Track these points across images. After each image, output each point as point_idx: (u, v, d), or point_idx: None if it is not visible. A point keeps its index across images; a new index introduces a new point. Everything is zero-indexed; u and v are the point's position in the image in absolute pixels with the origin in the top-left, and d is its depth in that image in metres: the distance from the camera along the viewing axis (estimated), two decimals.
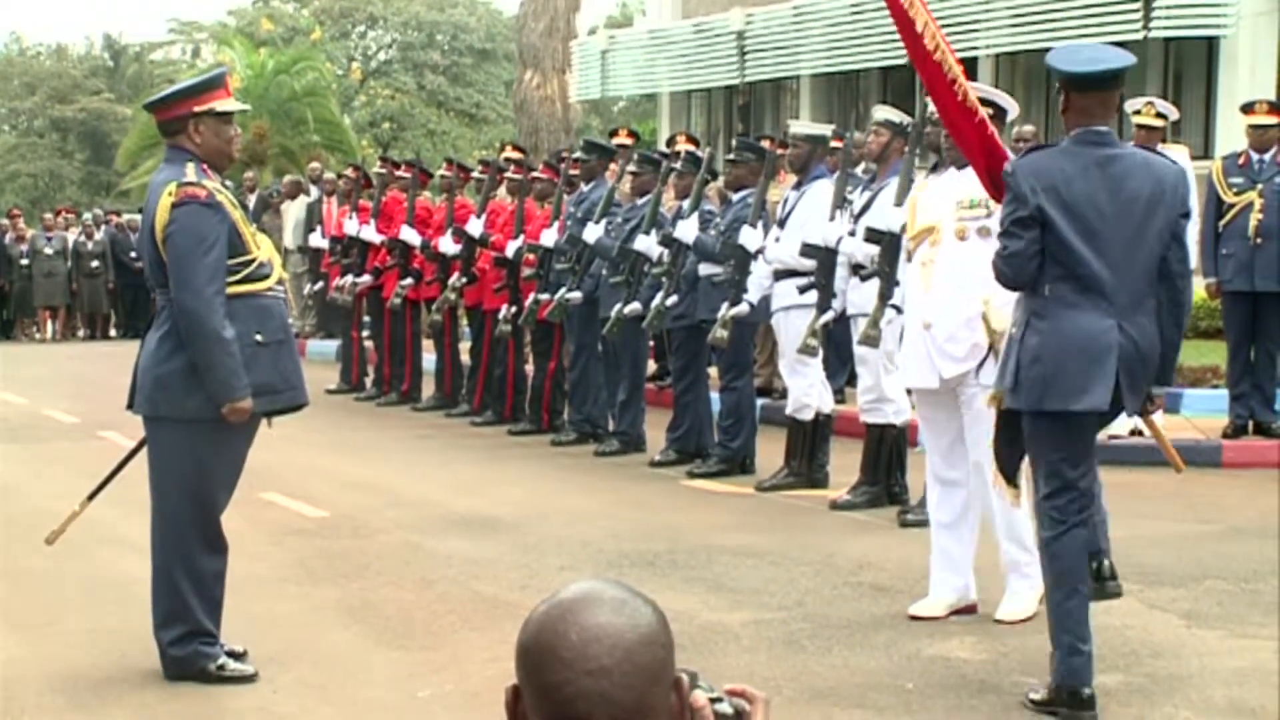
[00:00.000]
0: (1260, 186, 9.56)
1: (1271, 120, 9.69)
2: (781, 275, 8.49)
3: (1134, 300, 4.80)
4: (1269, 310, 9.68)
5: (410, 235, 12.49)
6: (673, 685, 1.78)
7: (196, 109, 5.22)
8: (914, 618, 6.00)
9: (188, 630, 5.25)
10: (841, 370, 10.66)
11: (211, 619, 5.29)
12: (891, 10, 5.02)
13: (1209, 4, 14.91)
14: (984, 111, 5.57)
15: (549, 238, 10.72)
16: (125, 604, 6.07)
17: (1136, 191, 4.77)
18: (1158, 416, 5.52)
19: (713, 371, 10.10)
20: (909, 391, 6.84)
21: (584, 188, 10.77)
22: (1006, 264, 4.81)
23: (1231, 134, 12.49)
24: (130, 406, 5.35)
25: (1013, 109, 6.03)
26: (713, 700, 1.82)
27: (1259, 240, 9.51)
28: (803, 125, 9.28)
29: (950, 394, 5.96)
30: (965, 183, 5.80)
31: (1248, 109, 9.90)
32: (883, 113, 8.14)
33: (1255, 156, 9.66)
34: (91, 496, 5.73)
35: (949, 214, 5.88)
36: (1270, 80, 14.81)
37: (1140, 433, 8.70)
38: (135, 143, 28.20)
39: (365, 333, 14.06)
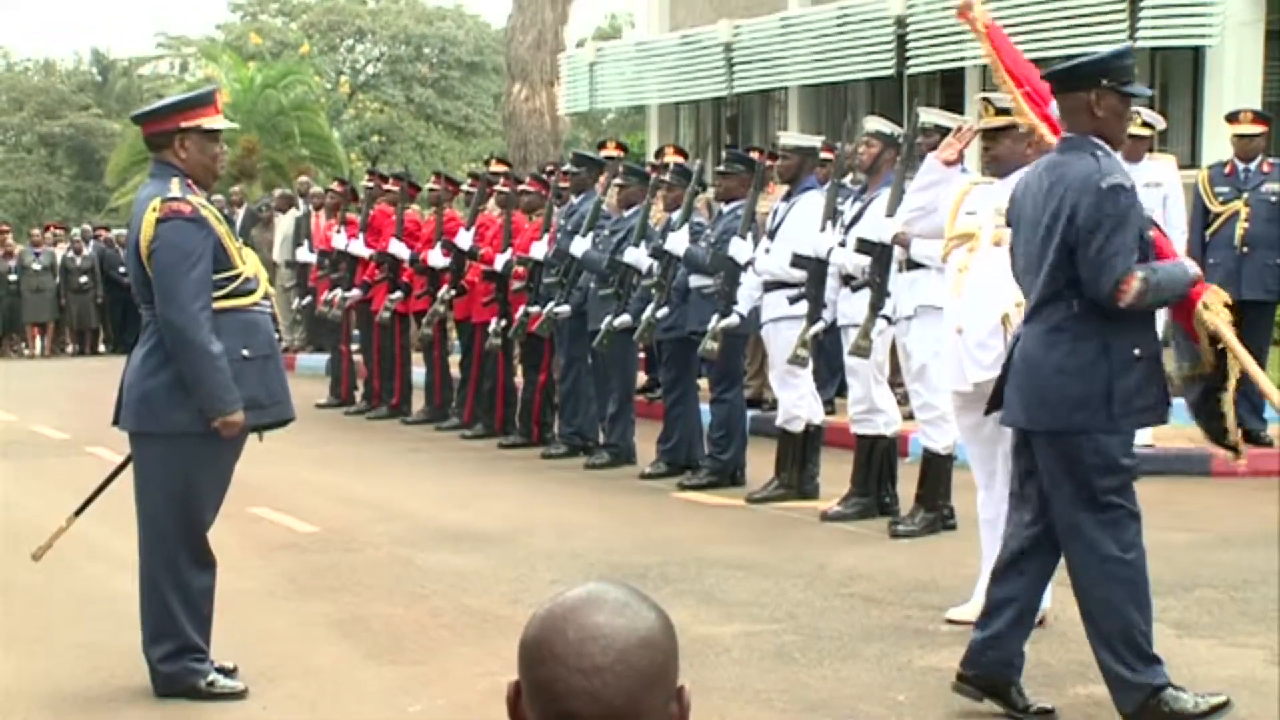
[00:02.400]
0: (1246, 195, 9.59)
1: (1256, 130, 9.73)
2: (771, 287, 8.49)
3: (1034, 307, 4.86)
4: (1256, 319, 9.68)
5: (399, 249, 12.48)
6: (674, 694, 1.78)
7: (184, 124, 5.21)
8: (950, 621, 6.01)
9: (177, 646, 5.23)
10: (832, 381, 10.66)
11: (200, 635, 5.27)
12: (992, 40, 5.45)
13: (1194, 14, 14.95)
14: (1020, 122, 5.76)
15: (539, 251, 10.72)
16: (115, 620, 6.05)
17: (1049, 200, 4.77)
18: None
19: (703, 383, 10.10)
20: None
21: (574, 200, 10.77)
22: None
23: (1217, 143, 12.51)
24: (116, 422, 5.34)
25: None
26: None
27: (1245, 249, 9.53)
28: (793, 136, 9.30)
29: (984, 398, 5.96)
30: (1007, 190, 5.83)
31: (1233, 118, 9.94)
32: (874, 124, 8.16)
33: (1241, 166, 9.69)
34: (78, 512, 5.71)
35: (989, 221, 5.89)
36: (1255, 90, 14.85)
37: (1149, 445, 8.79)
38: (124, 158, 28.15)
39: (354, 347, 14.05)
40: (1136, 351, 4.76)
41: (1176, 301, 4.85)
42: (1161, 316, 5.60)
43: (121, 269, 20.37)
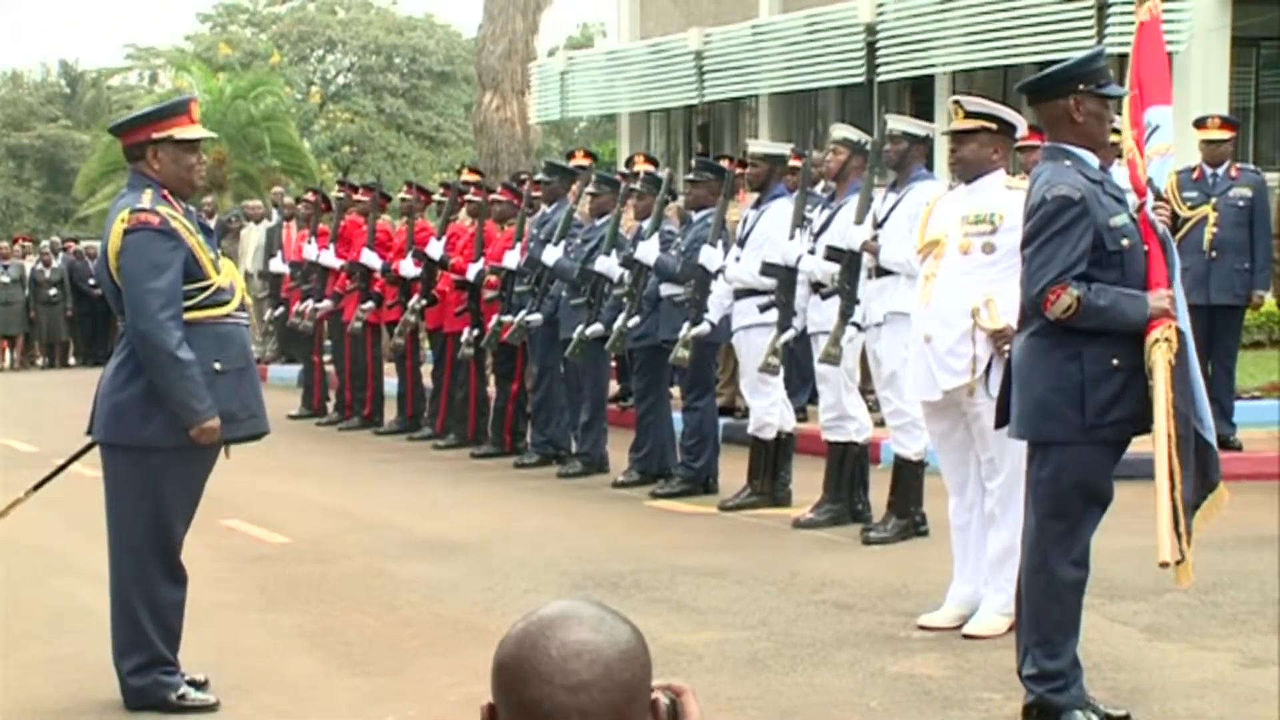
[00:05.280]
0: (1214, 200, 9.64)
1: (1224, 135, 9.78)
2: (742, 294, 8.51)
3: (1021, 316, 4.86)
4: (1225, 324, 9.75)
5: (370, 259, 12.47)
6: (649, 706, 1.80)
7: (155, 135, 5.18)
8: (922, 627, 6.02)
9: (147, 659, 5.21)
10: (803, 388, 10.68)
11: (170, 648, 5.25)
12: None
13: (1162, 20, 15.07)
14: (989, 126, 5.82)
15: (511, 260, 10.72)
16: (84, 633, 6.02)
17: (1027, 210, 4.83)
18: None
19: (675, 391, 10.10)
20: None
21: (546, 209, 10.77)
22: None
23: (1185, 149, 12.59)
24: (90, 431, 5.32)
25: (1021, 125, 6.06)
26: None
27: (1214, 254, 9.58)
28: (762, 144, 9.31)
29: (954, 405, 5.98)
30: (973, 198, 5.87)
31: (1201, 124, 9.99)
32: (841, 131, 8.18)
33: (1209, 171, 9.75)
34: (37, 487, 5.69)
35: (955, 228, 5.91)
36: (1223, 95, 14.96)
37: None
38: (94, 169, 28.03)
39: (326, 357, 14.01)
40: (1115, 361, 4.65)
41: (1132, 330, 4.64)
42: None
43: (91, 281, 20.27)
